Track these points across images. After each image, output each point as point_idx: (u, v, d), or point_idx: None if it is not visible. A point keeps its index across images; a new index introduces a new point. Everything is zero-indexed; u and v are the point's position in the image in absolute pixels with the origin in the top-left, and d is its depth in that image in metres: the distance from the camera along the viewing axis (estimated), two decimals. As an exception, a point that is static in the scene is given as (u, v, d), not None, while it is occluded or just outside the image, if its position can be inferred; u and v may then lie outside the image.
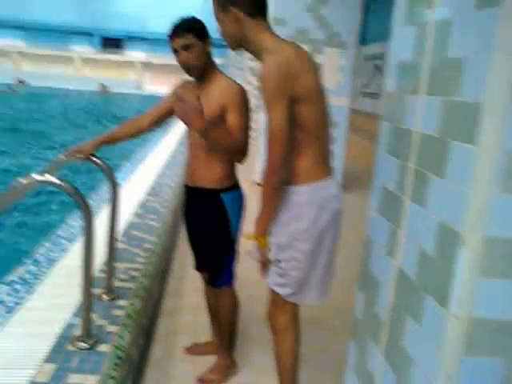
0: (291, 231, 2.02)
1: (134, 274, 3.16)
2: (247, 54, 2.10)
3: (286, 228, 2.03)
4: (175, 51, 2.37)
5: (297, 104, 1.89)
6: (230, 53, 25.45)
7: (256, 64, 2.43)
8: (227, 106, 2.31)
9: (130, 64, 36.65)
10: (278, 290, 2.13)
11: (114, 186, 2.67)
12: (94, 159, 2.56)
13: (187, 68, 2.39)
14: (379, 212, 2.01)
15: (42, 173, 2.09)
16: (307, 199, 1.99)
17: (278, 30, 6.48)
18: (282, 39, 2.02)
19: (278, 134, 1.86)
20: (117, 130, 2.65)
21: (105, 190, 4.97)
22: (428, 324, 1.54)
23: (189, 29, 2.33)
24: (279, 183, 1.95)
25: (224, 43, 2.09)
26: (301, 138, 1.94)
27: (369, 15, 19.17)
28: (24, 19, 35.91)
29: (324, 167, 2.04)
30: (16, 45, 35.74)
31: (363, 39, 18.46)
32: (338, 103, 6.48)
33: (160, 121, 2.65)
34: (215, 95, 2.34)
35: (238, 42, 2.05)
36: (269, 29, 2.04)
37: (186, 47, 2.33)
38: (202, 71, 2.41)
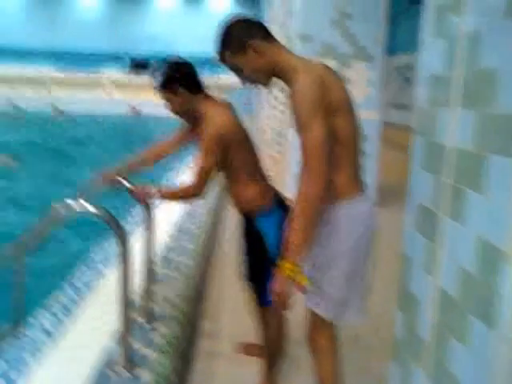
0: (329, 250, 1.99)
1: (171, 297, 3.17)
2: None
3: (322, 247, 2.01)
4: None
5: (331, 116, 1.86)
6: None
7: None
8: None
9: (159, 85, 36.99)
10: (317, 310, 2.10)
11: (148, 210, 2.69)
12: (126, 184, 2.59)
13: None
14: (415, 229, 1.97)
15: (77, 200, 2.13)
16: (344, 217, 1.96)
17: (305, 47, 6.50)
18: (304, 57, 2.02)
19: (319, 149, 1.79)
20: (142, 155, 2.71)
21: (139, 211, 5.02)
22: (475, 346, 1.49)
23: (161, 85, 2.46)
24: (322, 202, 1.85)
25: (254, 86, 2.08)
26: (337, 151, 1.91)
27: (396, 26, 19.07)
28: (56, 47, 37.02)
29: (358, 183, 2.02)
30: (49, 72, 36.70)
31: (391, 50, 18.36)
32: (368, 117, 6.43)
33: (182, 145, 2.73)
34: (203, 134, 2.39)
35: (268, 73, 2.02)
36: (287, 50, 2.04)
37: (165, 100, 2.49)
38: (188, 116, 2.54)
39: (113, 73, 38.02)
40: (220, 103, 2.51)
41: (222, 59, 2.06)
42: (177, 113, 2.51)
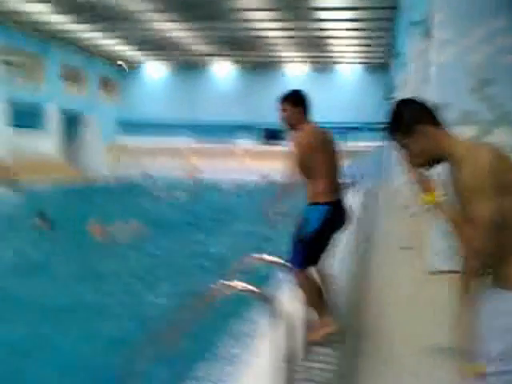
0: (509, 340, 1.87)
1: (322, 370, 3.14)
2: None
3: (502, 339, 1.89)
4: None
5: (500, 198, 1.86)
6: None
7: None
8: None
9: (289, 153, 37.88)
10: None
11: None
12: (272, 259, 2.69)
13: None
14: None
15: (230, 279, 2.25)
16: None
17: (443, 114, 6.36)
18: (470, 141, 2.07)
19: (485, 223, 1.86)
20: None
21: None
22: None
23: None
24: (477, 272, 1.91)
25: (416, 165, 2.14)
26: (509, 235, 1.89)
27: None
28: (194, 120, 39.96)
29: None
30: (187, 143, 39.43)
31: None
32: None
33: None
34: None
35: (432, 157, 2.09)
36: (453, 134, 2.07)
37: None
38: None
39: (245, 142, 39.87)
40: None
41: (392, 137, 2.18)
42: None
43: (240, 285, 2.20)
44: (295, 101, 3.89)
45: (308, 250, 3.62)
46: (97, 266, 8.56)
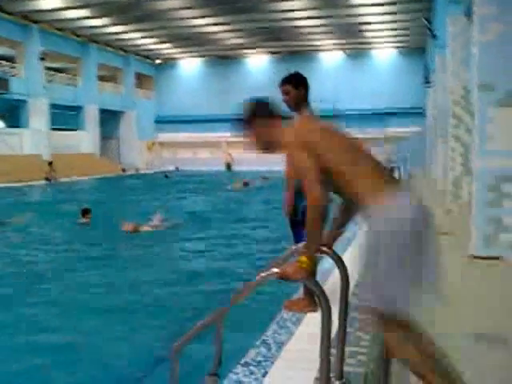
0: None
1: (361, 357, 3.13)
2: None
3: None
4: None
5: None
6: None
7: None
8: None
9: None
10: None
11: (345, 276, 2.71)
12: (323, 249, 2.66)
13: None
14: None
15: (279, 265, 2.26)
16: None
17: (486, 95, 6.12)
18: None
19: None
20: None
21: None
22: None
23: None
24: None
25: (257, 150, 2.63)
26: None
27: None
28: (230, 113, 39.92)
29: None
30: (224, 136, 39.76)
31: None
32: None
33: None
34: None
35: (266, 143, 2.58)
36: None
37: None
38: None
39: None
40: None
41: (239, 129, 2.61)
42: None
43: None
44: (297, 82, 3.88)
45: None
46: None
